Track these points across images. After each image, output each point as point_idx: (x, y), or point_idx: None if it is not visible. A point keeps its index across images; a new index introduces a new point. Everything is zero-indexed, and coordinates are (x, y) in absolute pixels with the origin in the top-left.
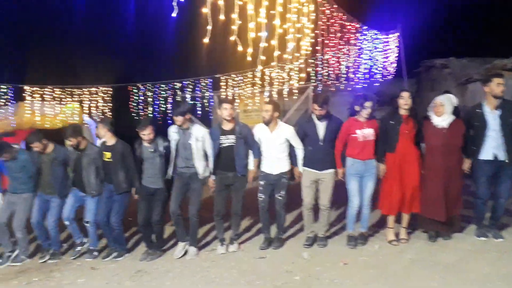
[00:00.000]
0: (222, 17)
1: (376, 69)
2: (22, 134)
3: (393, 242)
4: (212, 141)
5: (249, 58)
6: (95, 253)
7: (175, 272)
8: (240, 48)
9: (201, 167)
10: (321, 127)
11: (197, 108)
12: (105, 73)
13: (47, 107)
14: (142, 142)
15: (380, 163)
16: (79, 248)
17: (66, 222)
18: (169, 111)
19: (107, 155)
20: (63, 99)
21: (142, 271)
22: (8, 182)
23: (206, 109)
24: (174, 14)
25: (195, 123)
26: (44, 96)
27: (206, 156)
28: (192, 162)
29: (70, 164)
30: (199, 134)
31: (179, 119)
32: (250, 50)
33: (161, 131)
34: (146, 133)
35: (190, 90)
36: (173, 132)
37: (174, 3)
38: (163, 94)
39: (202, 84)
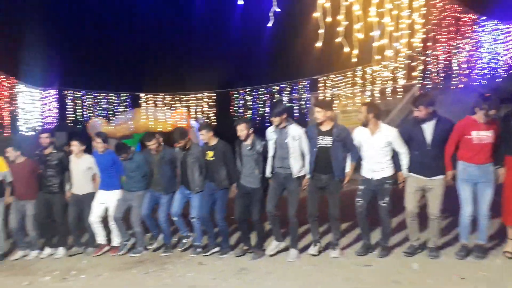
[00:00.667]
0: (329, 19)
1: (496, 63)
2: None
3: (507, 253)
4: (308, 140)
5: (354, 60)
6: (199, 249)
7: (278, 274)
8: (346, 49)
9: (297, 166)
10: (428, 130)
11: (294, 110)
12: (209, 80)
13: (159, 112)
14: (242, 141)
15: (499, 168)
16: (185, 240)
17: (174, 218)
18: (267, 114)
19: (210, 154)
20: (172, 105)
21: (246, 269)
22: (124, 181)
23: (303, 111)
24: (269, 24)
25: (292, 123)
26: (156, 102)
27: (302, 156)
28: (288, 162)
29: (177, 164)
30: (295, 133)
31: (276, 119)
32: (356, 51)
33: (259, 133)
34: (240, 129)
35: (287, 92)
36: (270, 132)
37: (271, 14)
38: (261, 97)
39: (299, 86)
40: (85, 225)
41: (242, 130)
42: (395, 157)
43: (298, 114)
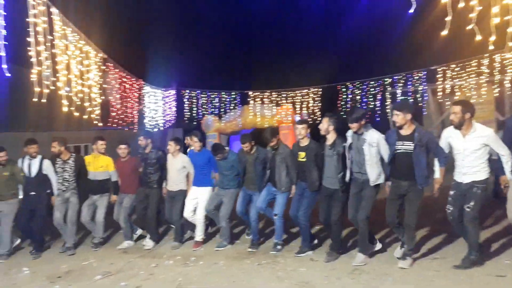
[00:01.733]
0: (461, 4)
1: None
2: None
3: None
4: (388, 146)
5: (491, 47)
6: (279, 247)
7: (395, 277)
8: (478, 37)
9: (374, 174)
10: None
11: (410, 104)
12: (315, 75)
13: (266, 109)
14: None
15: None
16: (279, 247)
17: (260, 211)
18: (378, 109)
19: (301, 155)
20: (278, 102)
21: (360, 270)
22: (218, 178)
23: (419, 104)
24: (411, 10)
25: (369, 128)
26: (263, 99)
27: (382, 162)
28: (364, 168)
29: (268, 163)
30: (373, 140)
31: (354, 125)
32: (493, 37)
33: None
34: (322, 124)
35: (401, 85)
36: (348, 136)
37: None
38: (371, 91)
39: (415, 77)
40: (174, 220)
41: (322, 124)
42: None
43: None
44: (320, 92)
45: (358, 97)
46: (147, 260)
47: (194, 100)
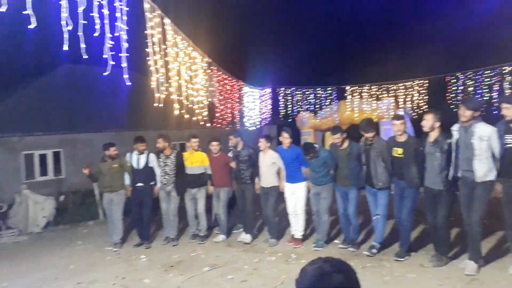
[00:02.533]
0: None
1: None
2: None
3: None
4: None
5: None
6: (374, 250)
7: None
8: None
9: (482, 170)
10: None
11: None
12: (420, 66)
13: (364, 104)
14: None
15: None
16: (374, 250)
17: (374, 218)
18: (495, 101)
19: (398, 151)
20: (379, 96)
21: (477, 280)
22: (309, 174)
23: None
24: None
25: (480, 120)
26: (362, 94)
27: (493, 158)
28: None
29: (362, 158)
30: (484, 133)
31: (468, 114)
32: None
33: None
34: (425, 119)
35: None
36: (454, 131)
37: None
38: (486, 81)
39: None
40: (269, 216)
41: (427, 120)
42: None
43: None
44: (426, 84)
45: (470, 89)
46: (250, 254)
47: (289, 98)
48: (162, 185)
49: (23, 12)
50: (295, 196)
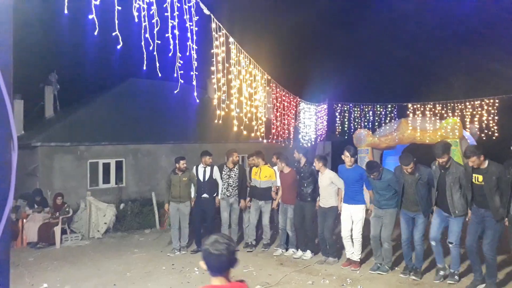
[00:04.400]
0: None
1: None
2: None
3: None
4: None
5: None
6: (456, 277)
7: None
8: None
9: None
10: None
11: None
12: (490, 84)
13: (427, 123)
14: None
15: None
16: (441, 272)
17: (432, 243)
18: None
19: (479, 178)
20: (443, 114)
21: None
22: (373, 197)
23: None
24: None
25: None
26: (425, 112)
27: None
28: None
29: (433, 183)
30: None
31: None
32: None
33: None
34: None
35: None
36: None
37: None
38: None
39: None
40: (326, 236)
41: None
42: None
43: None
44: (497, 104)
45: None
46: (303, 275)
47: (346, 114)
48: (225, 197)
49: (113, 34)
50: (353, 218)
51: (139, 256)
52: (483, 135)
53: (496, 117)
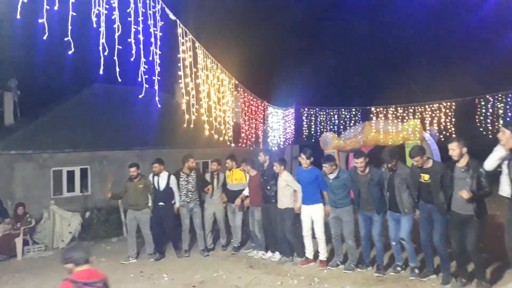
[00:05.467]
0: None
1: None
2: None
3: None
4: None
5: None
6: (416, 270)
7: None
8: None
9: None
10: None
11: None
12: (447, 88)
13: (390, 125)
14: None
15: None
16: (398, 268)
17: (392, 242)
18: None
19: (425, 177)
20: (404, 117)
21: None
22: (328, 197)
23: None
24: None
25: None
26: (387, 115)
27: None
28: None
29: (384, 185)
30: None
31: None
32: None
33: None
34: (451, 148)
35: None
36: (505, 154)
37: None
38: None
39: None
40: (288, 238)
41: (453, 149)
42: None
43: None
44: (454, 107)
45: (501, 111)
46: (272, 277)
47: (313, 118)
48: (185, 203)
49: (65, 39)
50: (313, 218)
51: (107, 264)
52: (441, 136)
53: (454, 119)
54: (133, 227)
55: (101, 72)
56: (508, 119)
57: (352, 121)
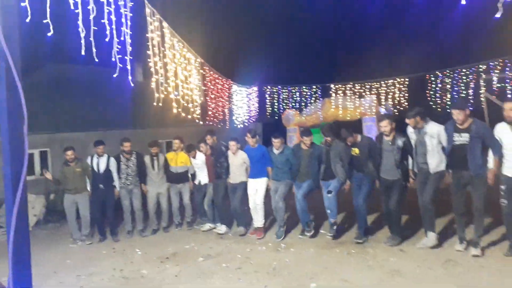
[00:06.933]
0: None
1: None
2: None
3: None
4: (447, 137)
5: None
6: (335, 227)
7: (491, 269)
8: None
9: (434, 162)
10: None
11: (507, 91)
12: (401, 65)
13: (348, 102)
14: (383, 135)
15: None
16: (334, 227)
17: (328, 211)
18: (470, 97)
19: (356, 150)
20: (362, 93)
21: (452, 261)
22: (272, 172)
23: None
24: (497, 15)
25: (428, 121)
26: (346, 91)
27: (443, 151)
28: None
29: (322, 158)
30: (433, 131)
31: (410, 121)
32: None
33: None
34: (383, 125)
35: (498, 71)
36: (410, 133)
37: (500, 5)
38: (464, 79)
39: None
40: (236, 207)
41: (385, 126)
42: None
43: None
44: (407, 83)
45: (448, 86)
46: (242, 245)
47: (276, 96)
48: (125, 186)
49: (44, 21)
50: (258, 189)
51: (77, 244)
52: (396, 111)
53: (407, 95)
54: (73, 211)
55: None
56: (454, 93)
57: (313, 98)
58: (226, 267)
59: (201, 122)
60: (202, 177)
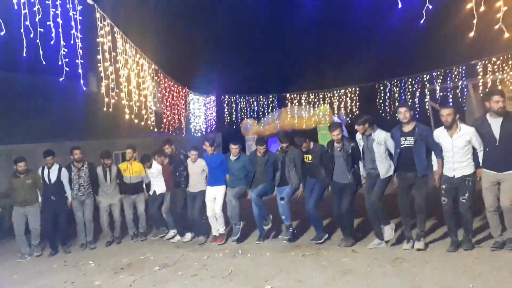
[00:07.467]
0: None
1: None
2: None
3: None
4: (394, 142)
5: None
6: (291, 230)
7: (435, 264)
8: (507, 34)
9: (384, 168)
10: (496, 126)
11: (449, 100)
12: (352, 75)
13: (303, 111)
14: (334, 142)
15: None
16: (290, 230)
17: (282, 216)
18: (417, 106)
19: (309, 157)
20: (316, 103)
21: (400, 259)
22: (228, 179)
23: (459, 100)
24: (421, 21)
25: (376, 129)
26: (300, 101)
27: (391, 157)
28: (376, 164)
29: (278, 165)
30: (380, 138)
31: (359, 127)
32: None
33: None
34: (336, 134)
35: (440, 81)
36: (359, 139)
37: (424, 11)
38: (410, 88)
39: (454, 73)
40: (196, 216)
41: (338, 134)
42: (474, 154)
43: (451, 103)
44: (358, 92)
45: (396, 95)
46: (199, 253)
47: (234, 105)
48: (77, 197)
49: None
50: (215, 197)
51: (26, 260)
52: (348, 119)
53: (358, 103)
54: (22, 224)
55: (24, 55)
56: (402, 102)
57: (270, 108)
58: (182, 274)
59: (155, 130)
60: (158, 186)
